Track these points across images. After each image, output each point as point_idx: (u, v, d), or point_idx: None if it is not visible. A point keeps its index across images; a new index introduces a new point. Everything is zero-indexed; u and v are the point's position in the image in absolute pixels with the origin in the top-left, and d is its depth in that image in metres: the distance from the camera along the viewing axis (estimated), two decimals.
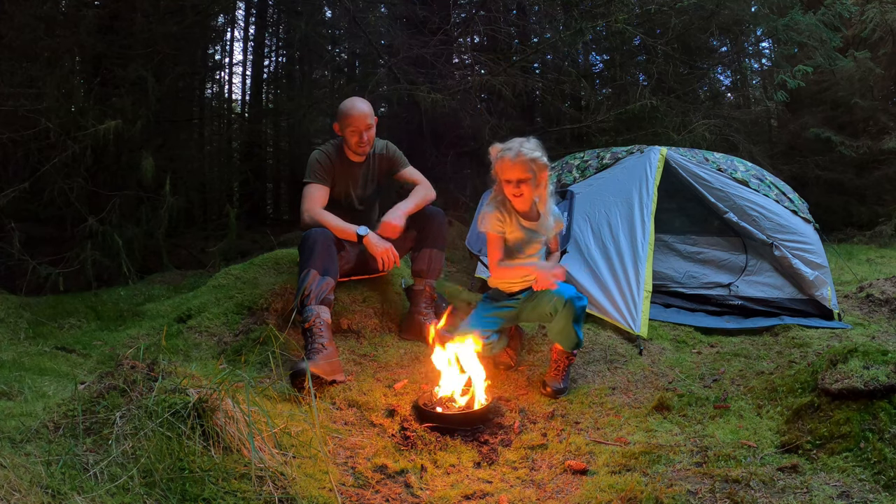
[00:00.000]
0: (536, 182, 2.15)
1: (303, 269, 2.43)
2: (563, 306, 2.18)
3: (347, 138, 2.71)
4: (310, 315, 2.34)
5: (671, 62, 6.06)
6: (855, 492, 1.38)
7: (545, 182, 2.19)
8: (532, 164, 2.11)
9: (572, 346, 2.27)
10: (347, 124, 2.68)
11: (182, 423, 1.43)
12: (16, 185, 3.94)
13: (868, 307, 3.47)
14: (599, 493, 1.53)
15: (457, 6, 6.51)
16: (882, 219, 7.03)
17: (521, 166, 2.11)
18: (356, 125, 2.67)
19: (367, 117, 2.69)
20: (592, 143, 5.99)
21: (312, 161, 2.75)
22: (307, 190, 2.71)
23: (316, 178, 2.72)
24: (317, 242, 2.47)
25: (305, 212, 2.66)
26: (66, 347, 2.66)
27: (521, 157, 2.10)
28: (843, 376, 1.65)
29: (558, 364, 2.31)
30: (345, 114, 2.68)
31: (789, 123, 8.60)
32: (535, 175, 2.13)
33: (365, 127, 2.68)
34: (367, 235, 2.61)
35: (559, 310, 2.20)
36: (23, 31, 4.05)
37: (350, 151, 2.78)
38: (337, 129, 2.76)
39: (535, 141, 2.17)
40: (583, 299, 2.21)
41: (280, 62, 9.60)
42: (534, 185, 2.15)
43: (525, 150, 2.11)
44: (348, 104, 2.71)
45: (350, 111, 2.67)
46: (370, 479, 1.66)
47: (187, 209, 5.93)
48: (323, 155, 2.77)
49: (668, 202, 3.62)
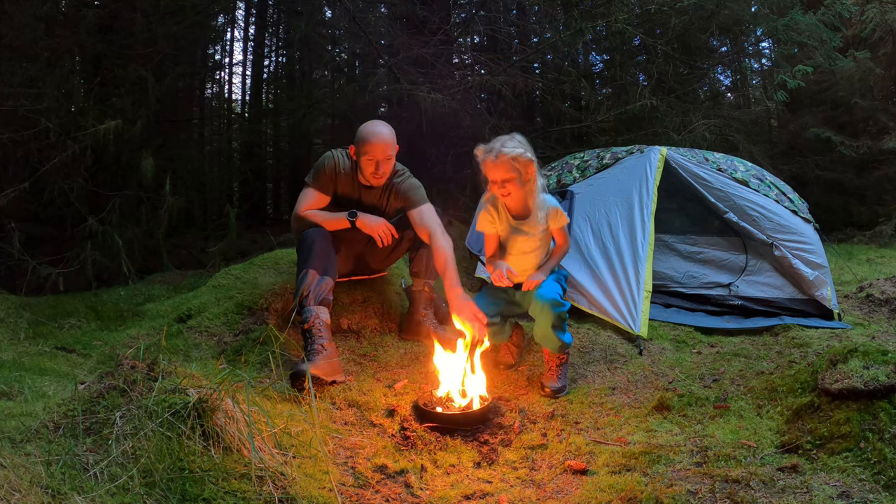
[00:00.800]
0: (522, 180, 2.13)
1: (301, 270, 2.40)
2: (541, 312, 2.20)
3: (363, 166, 2.49)
4: (309, 316, 2.31)
5: (671, 62, 6.06)
6: (855, 492, 1.38)
7: (533, 177, 2.16)
8: (514, 163, 2.10)
9: (556, 349, 2.28)
10: (364, 151, 2.44)
11: (182, 423, 1.43)
12: (16, 185, 3.94)
13: (868, 307, 3.48)
14: (599, 493, 1.53)
15: (457, 6, 6.51)
16: (882, 219, 7.04)
17: (504, 166, 2.10)
18: (374, 153, 2.44)
19: (389, 147, 2.45)
20: (592, 143, 5.99)
21: (320, 165, 2.58)
22: (304, 194, 2.58)
23: (316, 184, 2.57)
24: (315, 242, 2.43)
25: (294, 214, 2.56)
26: (66, 347, 2.66)
27: (503, 158, 2.09)
28: (843, 376, 1.65)
29: (550, 364, 2.34)
30: (364, 139, 2.45)
31: (789, 123, 8.61)
32: (520, 173, 2.12)
33: (384, 157, 2.45)
34: (357, 218, 2.49)
35: (538, 314, 2.22)
36: (23, 31, 4.05)
37: (362, 177, 2.58)
38: (353, 152, 2.52)
39: (518, 138, 2.15)
40: (562, 306, 2.20)
41: (280, 62, 9.61)
42: (520, 182, 2.13)
43: (506, 149, 2.09)
44: (369, 128, 2.47)
45: (369, 137, 2.44)
46: (370, 479, 1.66)
47: (187, 209, 5.93)
48: (333, 163, 2.57)
49: (668, 202, 3.62)
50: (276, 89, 9.53)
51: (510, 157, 2.09)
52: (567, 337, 2.28)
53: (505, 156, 2.08)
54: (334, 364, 2.25)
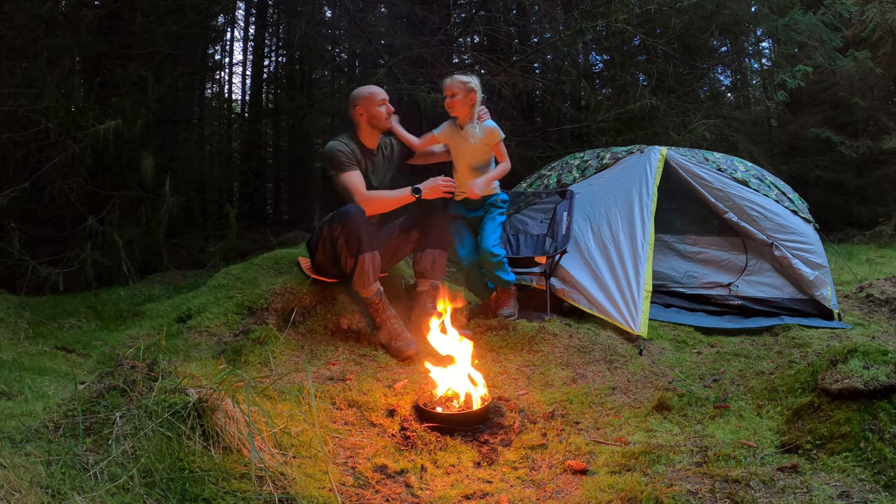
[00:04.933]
0: (466, 100, 2.89)
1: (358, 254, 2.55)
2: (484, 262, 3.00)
3: (375, 115, 2.81)
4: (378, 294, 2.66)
5: (671, 62, 6.06)
6: (855, 492, 1.38)
7: (474, 101, 2.90)
8: (462, 85, 2.88)
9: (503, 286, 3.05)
10: (373, 100, 2.80)
11: (182, 423, 1.43)
12: (16, 185, 3.93)
13: (868, 307, 3.48)
14: (599, 493, 1.53)
15: (457, 6, 6.51)
16: (882, 219, 7.05)
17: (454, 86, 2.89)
18: (379, 95, 2.82)
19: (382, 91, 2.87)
20: (592, 143, 6.00)
21: (335, 152, 2.75)
22: (346, 179, 2.71)
23: (349, 166, 2.74)
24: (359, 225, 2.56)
25: (359, 200, 2.68)
26: (66, 347, 2.66)
27: (455, 79, 2.90)
28: (843, 376, 1.65)
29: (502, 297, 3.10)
30: (366, 93, 2.82)
31: (789, 123, 8.62)
32: (465, 93, 2.88)
33: (385, 97, 2.86)
34: (422, 190, 2.75)
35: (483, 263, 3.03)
36: (23, 31, 4.05)
37: (366, 135, 2.86)
38: (358, 113, 2.82)
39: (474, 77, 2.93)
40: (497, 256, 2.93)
41: (280, 62, 9.60)
42: (463, 100, 2.89)
43: (458, 76, 2.92)
44: (362, 88, 2.87)
45: (368, 88, 2.85)
46: (370, 479, 1.66)
47: (187, 209, 5.93)
48: (342, 144, 2.79)
49: (668, 202, 3.62)
50: (276, 89, 9.51)
51: (460, 80, 2.89)
52: (510, 276, 3.02)
53: (457, 79, 2.90)
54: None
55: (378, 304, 2.68)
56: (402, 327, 2.68)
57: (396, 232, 2.88)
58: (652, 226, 3.13)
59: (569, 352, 2.65)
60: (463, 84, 2.88)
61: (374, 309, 2.70)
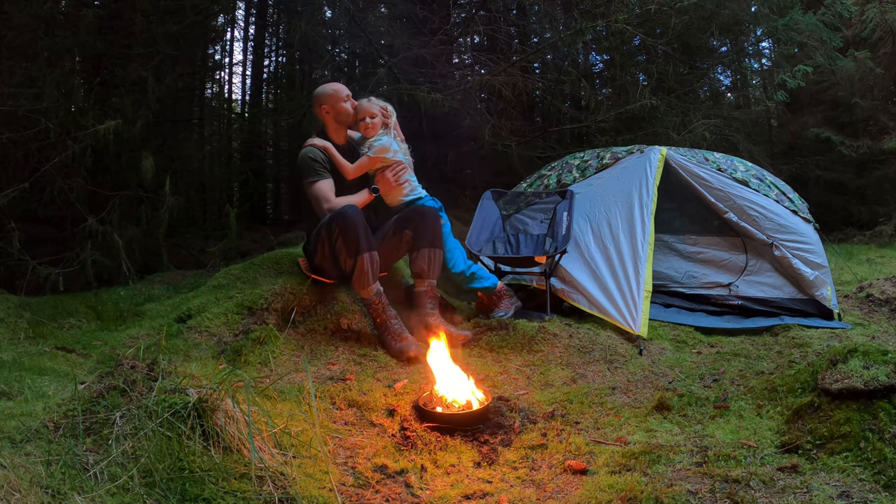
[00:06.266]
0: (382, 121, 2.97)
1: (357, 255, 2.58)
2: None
3: (341, 111, 2.89)
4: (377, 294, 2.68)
5: (671, 62, 6.06)
6: (855, 492, 1.38)
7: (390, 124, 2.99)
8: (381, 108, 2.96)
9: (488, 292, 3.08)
10: (337, 97, 2.88)
11: (182, 423, 1.43)
12: (16, 185, 3.93)
13: (868, 307, 3.48)
14: (599, 493, 1.53)
15: (457, 6, 6.51)
16: (882, 219, 7.04)
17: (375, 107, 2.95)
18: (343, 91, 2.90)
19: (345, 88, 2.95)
20: (592, 143, 5.99)
21: (307, 160, 2.82)
22: (318, 189, 2.79)
23: (320, 174, 2.81)
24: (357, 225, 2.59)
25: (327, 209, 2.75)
26: (66, 347, 2.66)
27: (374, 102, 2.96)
28: (843, 376, 1.65)
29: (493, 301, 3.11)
30: (330, 91, 2.90)
31: (789, 123, 8.61)
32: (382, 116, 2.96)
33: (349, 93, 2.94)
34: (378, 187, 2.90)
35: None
36: (23, 31, 4.04)
37: (334, 132, 2.94)
38: (324, 111, 2.90)
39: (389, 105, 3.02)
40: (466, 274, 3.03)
41: (280, 62, 9.59)
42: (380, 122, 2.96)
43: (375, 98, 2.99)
44: (325, 86, 2.95)
45: (332, 86, 2.93)
46: (370, 479, 1.66)
47: (187, 209, 5.92)
48: (314, 150, 2.85)
49: (668, 202, 3.62)
50: (276, 89, 9.51)
51: (380, 104, 2.96)
52: (490, 281, 3.07)
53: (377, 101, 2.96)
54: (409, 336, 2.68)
55: (378, 304, 2.68)
56: (403, 327, 2.68)
57: (390, 232, 2.88)
58: (652, 226, 3.13)
59: (569, 352, 2.65)
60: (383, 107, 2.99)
61: (374, 309, 2.70)
